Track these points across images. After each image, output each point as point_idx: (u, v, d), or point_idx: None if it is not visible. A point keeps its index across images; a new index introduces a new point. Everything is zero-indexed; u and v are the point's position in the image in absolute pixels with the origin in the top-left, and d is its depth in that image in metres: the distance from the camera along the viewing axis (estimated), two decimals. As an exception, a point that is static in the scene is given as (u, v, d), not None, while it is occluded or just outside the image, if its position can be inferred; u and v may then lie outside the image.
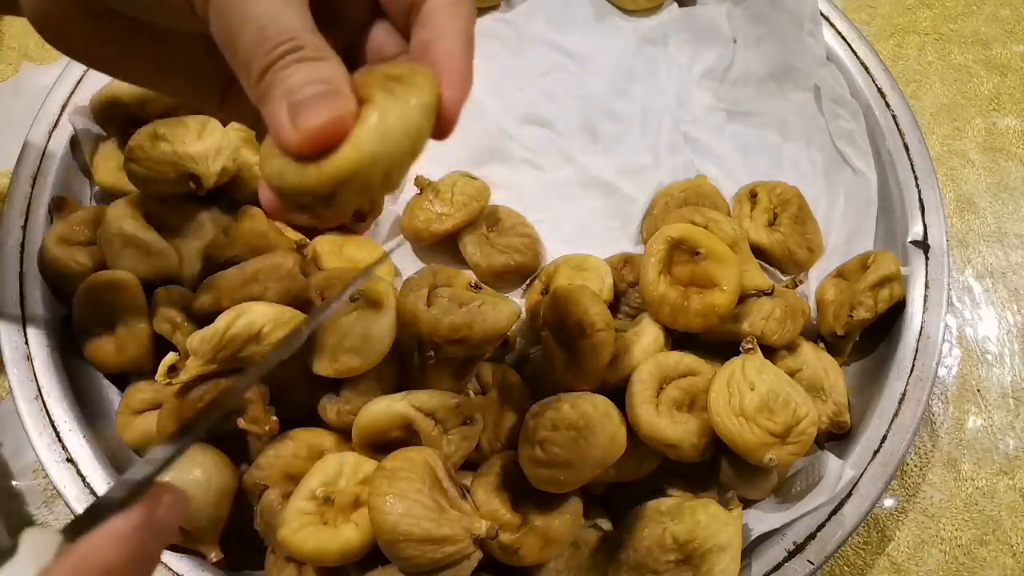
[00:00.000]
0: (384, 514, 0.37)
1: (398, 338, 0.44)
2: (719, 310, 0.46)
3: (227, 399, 0.30)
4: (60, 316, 0.49)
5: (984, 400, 0.55)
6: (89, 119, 0.53)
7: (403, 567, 0.38)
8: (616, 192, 0.58)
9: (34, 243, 0.50)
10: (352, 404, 0.44)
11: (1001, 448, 0.53)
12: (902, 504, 0.51)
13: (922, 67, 0.68)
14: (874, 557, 0.50)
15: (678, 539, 0.42)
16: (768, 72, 0.61)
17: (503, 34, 0.63)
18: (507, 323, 0.44)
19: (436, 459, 0.40)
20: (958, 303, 0.58)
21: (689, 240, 0.47)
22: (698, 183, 0.56)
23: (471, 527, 0.38)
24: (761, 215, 0.55)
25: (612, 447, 0.41)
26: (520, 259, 0.53)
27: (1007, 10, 0.70)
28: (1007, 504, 0.51)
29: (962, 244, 0.60)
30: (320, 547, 0.39)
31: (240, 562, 0.44)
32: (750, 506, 0.46)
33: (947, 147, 0.64)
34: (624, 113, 0.60)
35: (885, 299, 0.50)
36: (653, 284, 0.47)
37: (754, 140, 0.60)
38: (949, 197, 0.62)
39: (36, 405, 0.46)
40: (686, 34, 0.63)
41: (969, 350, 0.57)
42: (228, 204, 0.52)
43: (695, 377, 0.45)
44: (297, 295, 0.46)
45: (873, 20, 0.70)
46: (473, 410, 0.44)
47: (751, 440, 0.42)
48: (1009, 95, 0.66)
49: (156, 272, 0.47)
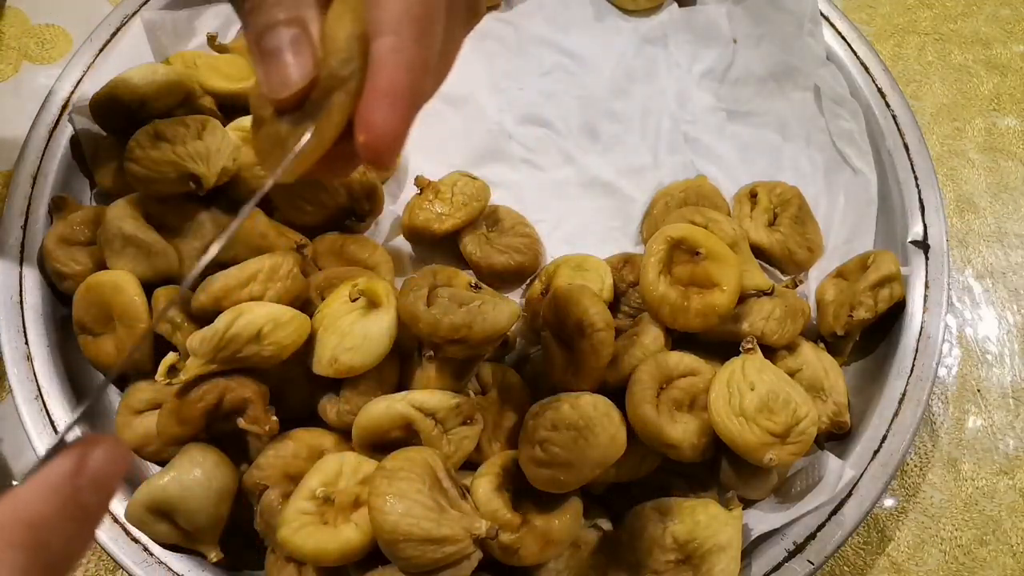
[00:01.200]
0: (384, 514, 0.37)
1: (398, 338, 0.44)
2: (719, 310, 0.46)
3: None
4: (60, 316, 0.49)
5: (984, 400, 0.55)
6: (89, 119, 0.53)
7: (403, 567, 0.38)
8: (616, 192, 0.58)
9: (34, 243, 0.50)
10: (352, 404, 0.44)
11: (1001, 448, 0.53)
12: (902, 504, 0.52)
13: (922, 67, 0.68)
14: (874, 557, 0.50)
15: (678, 539, 0.42)
16: (768, 72, 0.61)
17: (503, 34, 0.63)
18: (507, 323, 0.44)
19: (436, 459, 0.40)
20: (958, 303, 0.58)
21: (689, 240, 0.47)
22: (698, 183, 0.56)
23: (471, 527, 0.38)
24: (761, 215, 0.55)
25: (612, 447, 0.41)
26: (520, 259, 0.53)
27: (1007, 10, 0.70)
28: (1007, 504, 0.51)
29: (962, 244, 0.60)
30: (320, 547, 0.39)
31: (240, 562, 0.44)
32: (750, 506, 0.46)
33: (947, 147, 0.64)
34: (624, 113, 0.60)
35: (885, 299, 0.50)
36: (653, 284, 0.47)
37: (754, 140, 0.60)
38: (949, 197, 0.62)
39: (36, 405, 0.46)
40: (686, 34, 0.63)
41: (969, 350, 0.57)
42: (228, 204, 0.52)
43: (695, 377, 0.45)
44: (297, 295, 0.46)
45: (873, 20, 0.70)
46: (473, 410, 0.44)
47: (751, 440, 0.42)
48: (1009, 95, 0.66)
49: (156, 272, 0.47)
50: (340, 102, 0.25)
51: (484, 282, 0.51)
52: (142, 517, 0.42)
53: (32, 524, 0.18)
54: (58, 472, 0.19)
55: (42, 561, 0.18)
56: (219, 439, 0.44)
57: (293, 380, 0.46)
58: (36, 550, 0.18)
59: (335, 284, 0.47)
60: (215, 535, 0.43)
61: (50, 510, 0.18)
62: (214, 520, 0.42)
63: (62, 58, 0.63)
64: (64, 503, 0.18)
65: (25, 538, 0.17)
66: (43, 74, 0.62)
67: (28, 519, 0.18)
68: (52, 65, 0.63)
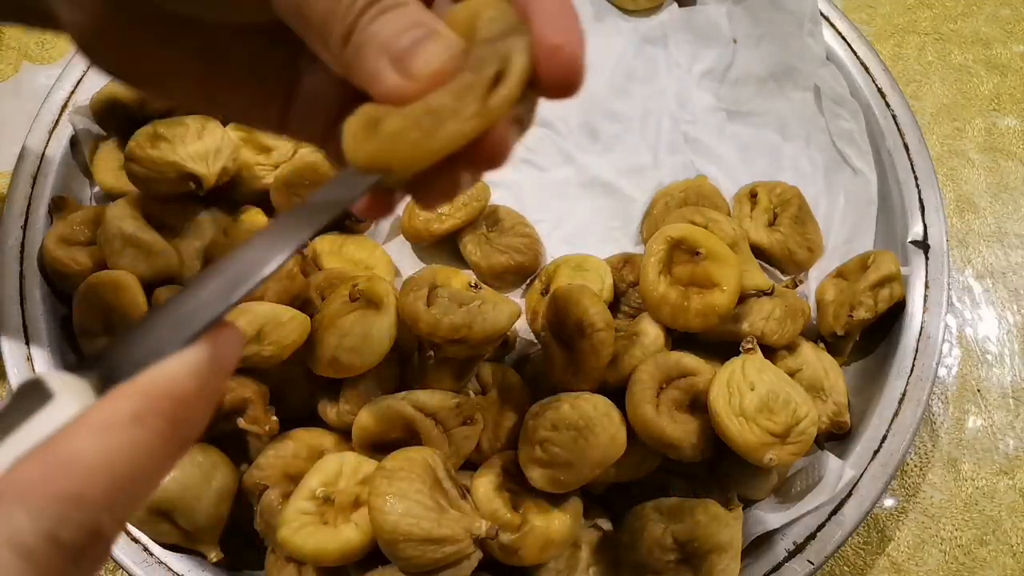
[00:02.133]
0: (384, 514, 0.37)
1: (398, 338, 0.44)
2: (719, 310, 0.46)
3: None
4: (60, 316, 0.49)
5: (984, 400, 0.55)
6: (89, 119, 0.53)
7: (403, 567, 0.38)
8: (616, 192, 0.58)
9: (34, 243, 0.50)
10: (352, 404, 0.44)
11: (1001, 448, 0.53)
12: (902, 504, 0.52)
13: (922, 67, 0.68)
14: (874, 557, 0.50)
15: (678, 539, 0.42)
16: (768, 72, 0.61)
17: (503, 34, 0.63)
18: (507, 323, 0.44)
19: (436, 459, 0.40)
20: (958, 303, 0.58)
21: (689, 240, 0.47)
22: (698, 183, 0.56)
23: (471, 527, 0.38)
24: (761, 215, 0.55)
25: (612, 447, 0.41)
26: (520, 259, 0.53)
27: (1007, 10, 0.70)
28: (1007, 504, 0.51)
29: (962, 244, 0.60)
30: (320, 547, 0.39)
31: (240, 562, 0.44)
32: (750, 506, 0.46)
33: (947, 147, 0.64)
34: (624, 113, 0.60)
35: (885, 299, 0.50)
36: (653, 284, 0.47)
37: (754, 140, 0.60)
38: (949, 197, 0.62)
39: (36, 405, 0.46)
40: (686, 34, 0.63)
41: (969, 350, 0.57)
42: (228, 204, 0.52)
43: (695, 377, 0.45)
44: (297, 295, 0.46)
45: (873, 20, 0.70)
46: (473, 410, 0.44)
47: (751, 440, 0.42)
48: (1009, 95, 0.66)
49: (156, 272, 0.47)
50: (521, 44, 0.22)
51: (484, 282, 0.51)
52: (142, 517, 0.42)
53: (175, 398, 0.19)
54: (199, 355, 0.20)
55: (180, 434, 0.19)
56: (219, 439, 0.44)
57: (293, 380, 0.46)
58: (177, 424, 0.19)
59: (335, 284, 0.47)
60: (215, 535, 0.43)
61: (191, 388, 0.19)
62: (214, 520, 0.42)
63: (62, 58, 0.63)
64: (202, 384, 0.20)
65: (167, 409, 0.19)
66: (43, 74, 0.62)
67: (173, 392, 0.19)
68: (52, 65, 0.63)
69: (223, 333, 0.21)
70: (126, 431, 0.18)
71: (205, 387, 0.20)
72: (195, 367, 0.20)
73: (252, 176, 0.51)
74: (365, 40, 0.22)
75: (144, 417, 0.18)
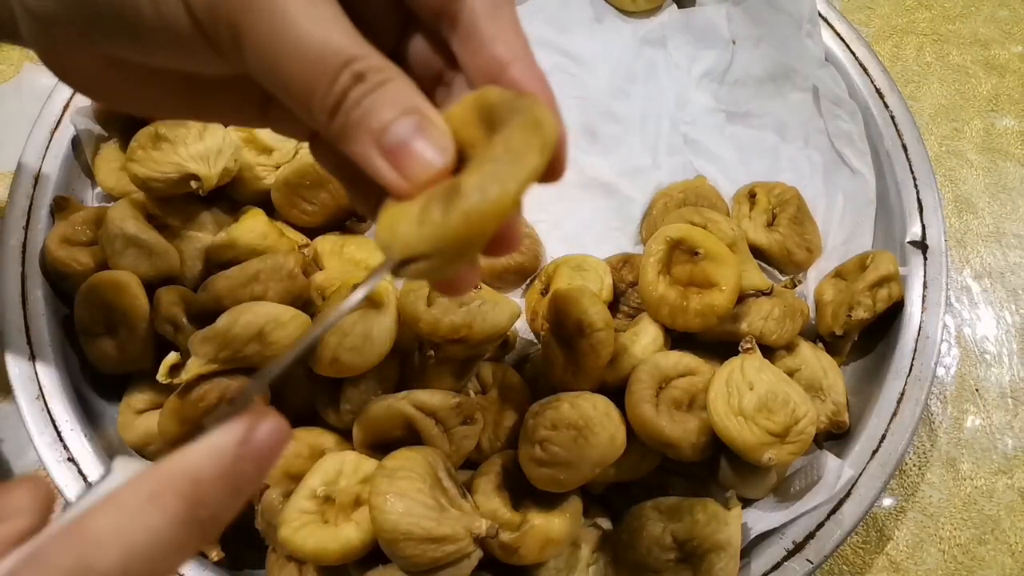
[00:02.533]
0: (384, 513, 0.37)
1: (398, 338, 0.44)
2: (718, 310, 0.46)
3: (238, 404, 0.26)
4: (62, 316, 0.49)
5: (982, 400, 0.55)
6: (91, 120, 0.53)
7: (403, 566, 0.38)
8: (616, 193, 0.58)
9: (36, 243, 0.50)
10: (353, 404, 0.44)
11: (999, 448, 0.53)
12: (901, 503, 0.52)
13: (920, 68, 0.68)
14: (873, 556, 0.50)
15: (678, 538, 0.42)
16: (767, 73, 0.61)
17: (503, 35, 0.63)
18: (507, 323, 0.44)
19: (436, 458, 0.40)
20: (956, 303, 0.58)
21: (688, 240, 0.48)
22: (697, 184, 0.56)
23: (471, 526, 0.38)
24: (760, 215, 0.55)
25: (612, 447, 0.41)
26: (520, 259, 0.53)
27: (1005, 11, 0.70)
28: (1006, 503, 0.52)
29: (960, 244, 0.61)
30: (321, 546, 0.39)
31: (241, 561, 0.45)
32: (749, 505, 0.46)
33: (945, 147, 0.64)
34: (623, 114, 0.60)
35: (883, 299, 0.50)
36: (652, 284, 0.47)
37: (753, 141, 0.60)
38: (947, 197, 0.62)
39: (37, 405, 0.46)
40: (685, 35, 0.63)
41: (967, 350, 0.57)
42: (229, 205, 0.52)
43: (694, 377, 0.46)
44: (298, 295, 0.46)
45: (871, 21, 0.70)
46: (473, 410, 0.44)
47: (750, 440, 0.42)
48: (1007, 96, 0.66)
49: (157, 272, 0.47)
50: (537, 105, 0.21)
51: (484, 282, 0.51)
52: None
53: (196, 480, 0.19)
54: (226, 439, 0.20)
55: (198, 516, 0.19)
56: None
57: (293, 380, 0.46)
58: (194, 505, 0.19)
59: (335, 284, 0.48)
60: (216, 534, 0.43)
61: (213, 471, 0.19)
62: (215, 519, 0.42)
63: (63, 59, 0.63)
64: (226, 468, 0.20)
65: (188, 491, 0.19)
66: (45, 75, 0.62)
67: (193, 475, 0.19)
68: (53, 66, 0.63)
69: (264, 421, 0.21)
70: (141, 508, 0.18)
71: (228, 471, 0.20)
72: (217, 449, 0.20)
73: (253, 177, 0.51)
74: (353, 123, 0.21)
75: (160, 496, 0.19)
